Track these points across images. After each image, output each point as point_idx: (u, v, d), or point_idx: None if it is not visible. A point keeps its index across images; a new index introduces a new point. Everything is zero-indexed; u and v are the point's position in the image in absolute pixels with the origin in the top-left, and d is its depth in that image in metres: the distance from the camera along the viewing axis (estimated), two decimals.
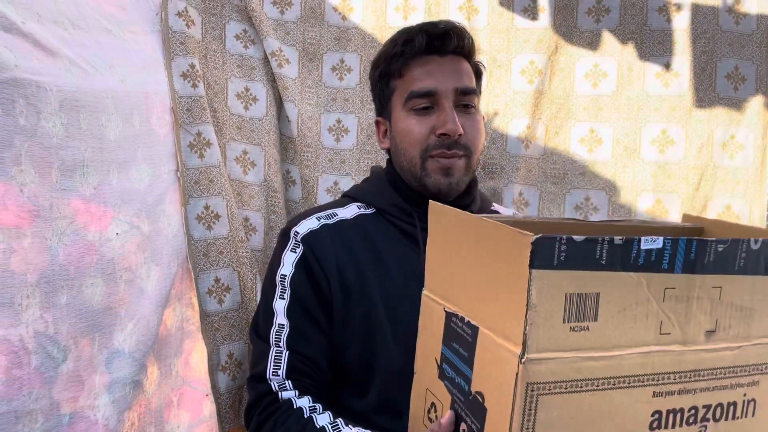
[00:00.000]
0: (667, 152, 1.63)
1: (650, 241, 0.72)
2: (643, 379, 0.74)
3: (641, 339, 0.74)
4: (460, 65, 1.17)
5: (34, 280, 0.97)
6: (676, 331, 0.75)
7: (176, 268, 1.34)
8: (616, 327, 0.72)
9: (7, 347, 0.93)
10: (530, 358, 0.68)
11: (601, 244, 0.69)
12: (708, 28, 1.60)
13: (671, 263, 0.74)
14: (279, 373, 1.10)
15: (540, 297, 0.67)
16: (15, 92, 0.94)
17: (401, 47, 1.16)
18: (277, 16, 1.64)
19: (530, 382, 0.69)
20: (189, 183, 1.40)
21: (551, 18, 1.66)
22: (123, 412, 1.16)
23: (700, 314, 0.76)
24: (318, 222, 1.19)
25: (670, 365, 0.75)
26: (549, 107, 1.68)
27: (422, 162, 1.14)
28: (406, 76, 1.17)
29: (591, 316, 0.71)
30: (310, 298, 1.13)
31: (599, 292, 0.70)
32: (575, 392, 0.71)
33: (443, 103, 1.13)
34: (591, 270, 0.69)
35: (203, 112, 1.43)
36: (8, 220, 0.94)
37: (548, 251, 0.67)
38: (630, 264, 0.71)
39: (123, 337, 1.16)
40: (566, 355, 0.70)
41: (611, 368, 0.72)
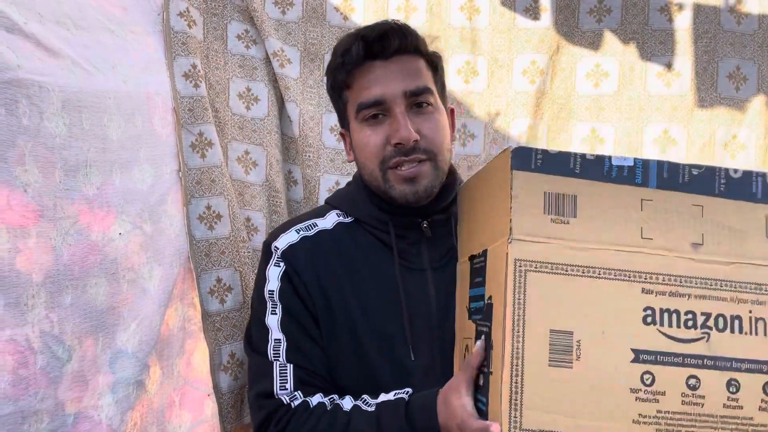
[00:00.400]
0: (669, 152, 1.63)
1: (621, 159, 0.80)
2: (629, 274, 0.79)
3: (623, 240, 0.80)
4: (407, 65, 1.10)
5: (39, 280, 0.98)
6: (658, 237, 0.80)
7: (178, 268, 1.34)
8: (596, 226, 0.79)
9: (13, 347, 0.93)
10: (516, 238, 0.78)
11: (574, 156, 0.80)
12: (709, 27, 1.60)
13: (644, 179, 0.81)
14: (287, 387, 1.09)
15: (521, 191, 0.78)
16: (18, 92, 0.94)
17: (341, 58, 1.11)
18: (278, 16, 1.64)
19: (518, 258, 0.77)
20: (191, 183, 1.40)
21: (553, 18, 1.66)
22: (126, 412, 1.16)
23: (682, 227, 0.81)
24: (297, 235, 1.16)
25: (656, 267, 0.80)
26: (551, 107, 1.68)
27: (383, 174, 1.09)
28: (353, 87, 1.12)
29: (570, 212, 0.79)
30: (301, 311, 1.12)
31: (576, 194, 0.79)
32: (562, 274, 0.78)
33: (393, 109, 1.07)
34: (567, 176, 0.79)
35: (205, 113, 1.43)
36: (13, 219, 0.94)
37: (526, 157, 0.79)
38: (603, 176, 0.80)
39: (126, 337, 1.16)
40: (550, 241, 0.78)
41: (595, 259, 0.79)
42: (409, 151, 1.06)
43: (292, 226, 1.18)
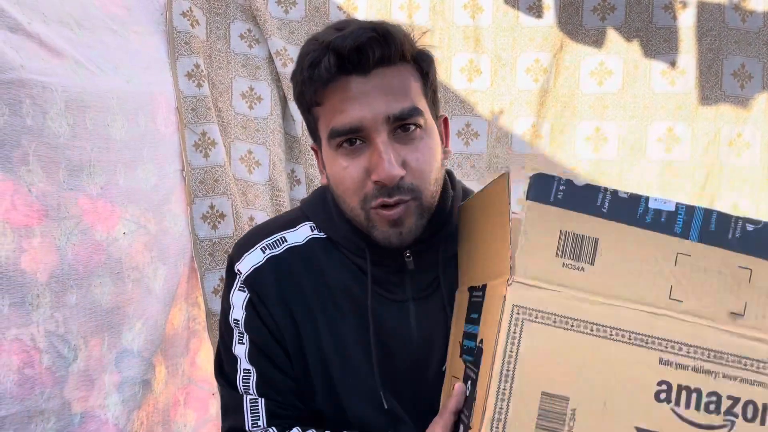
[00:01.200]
0: (674, 150, 1.62)
1: (661, 202, 0.67)
2: (647, 340, 0.67)
3: (646, 298, 0.67)
4: (390, 80, 0.89)
5: (44, 280, 0.98)
6: (690, 300, 0.68)
7: (182, 268, 1.34)
8: (616, 277, 0.67)
9: (19, 347, 0.93)
10: (517, 280, 0.66)
11: (604, 193, 0.67)
12: (714, 25, 1.59)
13: (685, 229, 0.68)
14: (259, 424, 0.99)
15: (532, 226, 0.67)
16: (21, 92, 0.94)
17: (308, 72, 0.89)
18: (281, 16, 1.64)
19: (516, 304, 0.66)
20: (194, 182, 1.40)
21: (556, 16, 1.65)
22: (132, 412, 1.16)
23: (722, 291, 0.68)
24: (263, 255, 1.00)
25: (682, 335, 0.67)
26: (554, 106, 1.67)
27: (365, 214, 0.92)
28: (325, 104, 0.91)
29: (588, 258, 0.67)
30: (269, 342, 0.99)
31: (598, 237, 0.67)
32: (566, 329, 0.67)
33: (374, 138, 0.88)
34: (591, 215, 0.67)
35: (208, 112, 1.43)
36: (17, 219, 0.94)
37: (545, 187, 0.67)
38: (635, 219, 0.67)
39: (131, 337, 1.16)
40: (558, 289, 0.67)
41: (609, 317, 0.67)
42: (392, 190, 0.89)
43: (258, 242, 1.01)
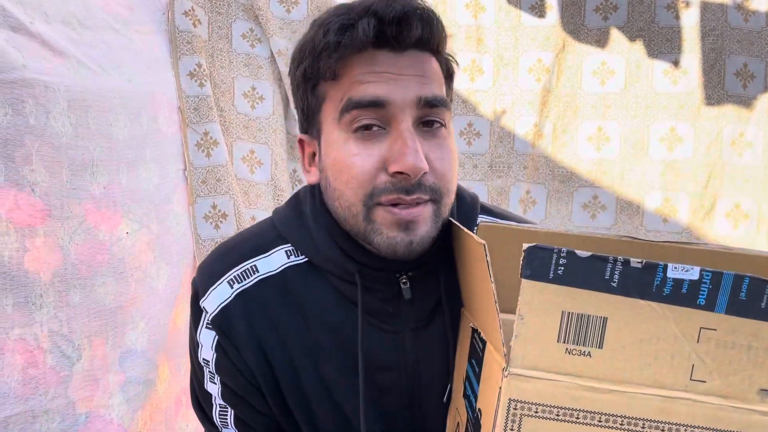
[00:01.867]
0: (676, 150, 1.62)
1: (681, 270, 0.60)
2: (664, 427, 0.61)
3: (664, 381, 0.61)
4: (424, 64, 0.79)
5: (47, 279, 0.98)
6: (714, 380, 0.61)
7: (185, 267, 1.34)
8: (628, 360, 0.61)
9: (23, 346, 0.93)
10: (513, 372, 0.60)
11: (613, 264, 0.59)
12: (717, 25, 1.59)
13: (710, 300, 0.60)
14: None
15: (529, 309, 0.59)
16: (24, 92, 0.94)
17: (336, 36, 0.76)
18: (283, 15, 1.63)
19: (513, 398, 0.60)
20: (196, 182, 1.40)
21: (559, 15, 1.65)
22: (136, 411, 1.16)
23: (752, 367, 0.61)
24: (230, 289, 0.86)
25: (704, 419, 0.61)
26: (556, 105, 1.67)
27: (367, 212, 0.77)
28: (343, 78, 0.78)
29: (595, 341, 0.61)
30: (243, 386, 0.88)
31: (607, 317, 0.60)
32: (570, 422, 0.61)
33: (399, 121, 0.76)
34: (598, 291, 0.60)
35: (210, 112, 1.43)
36: (21, 219, 0.94)
37: (542, 262, 0.59)
38: (651, 293, 0.60)
39: (135, 336, 1.16)
40: (561, 379, 0.61)
41: (619, 405, 0.61)
42: (412, 187, 0.76)
43: (225, 272, 0.87)
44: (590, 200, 1.67)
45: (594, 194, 1.66)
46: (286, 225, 0.88)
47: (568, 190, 1.68)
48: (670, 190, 1.63)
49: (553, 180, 1.68)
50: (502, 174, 1.68)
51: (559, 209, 1.67)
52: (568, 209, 1.67)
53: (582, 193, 1.67)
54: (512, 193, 1.68)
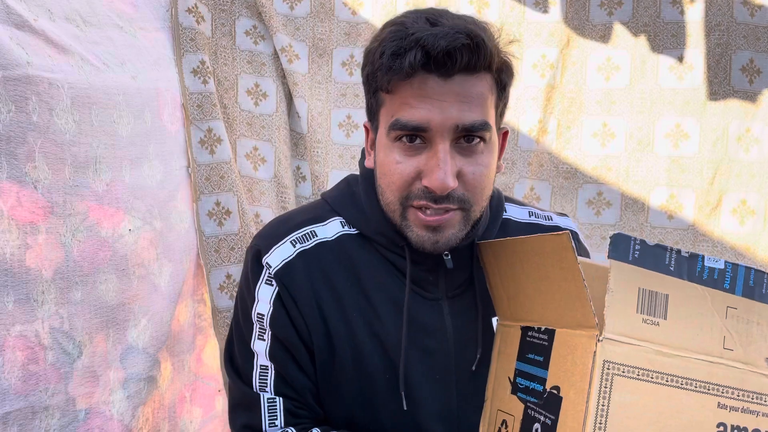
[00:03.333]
0: (681, 146, 1.61)
1: (713, 260, 0.77)
2: (709, 387, 0.76)
3: (707, 348, 0.76)
4: (470, 89, 0.87)
5: (49, 276, 0.98)
6: (738, 349, 0.77)
7: (188, 264, 1.35)
8: (683, 330, 0.75)
9: (23, 343, 0.94)
10: (607, 337, 0.72)
11: (670, 252, 0.75)
12: (722, 20, 1.58)
13: (732, 285, 0.77)
14: (277, 424, 0.96)
15: (617, 284, 0.72)
16: (27, 89, 0.94)
17: (389, 61, 0.86)
18: (286, 12, 1.63)
19: (606, 359, 0.72)
20: (200, 179, 1.40)
21: (563, 11, 1.64)
22: (137, 408, 1.16)
23: (760, 339, 0.78)
24: (293, 248, 0.97)
25: (734, 381, 0.77)
26: (561, 101, 1.66)
27: (402, 210, 0.91)
28: (395, 94, 0.88)
29: (661, 313, 0.74)
30: (294, 341, 0.96)
31: (668, 294, 0.75)
32: (648, 381, 0.73)
33: (437, 142, 0.86)
34: (661, 272, 0.74)
35: (214, 109, 1.43)
36: (23, 216, 0.94)
37: (625, 247, 0.73)
38: (695, 276, 0.76)
39: (137, 333, 1.17)
40: (640, 344, 0.73)
41: (680, 368, 0.75)
42: (440, 198, 0.87)
43: (287, 235, 0.98)
44: (595, 197, 1.66)
45: (599, 191, 1.66)
46: (339, 202, 1.01)
47: (573, 186, 1.67)
48: (676, 186, 1.62)
49: (557, 176, 1.67)
50: (506, 170, 1.68)
51: (563, 206, 1.66)
52: (572, 206, 1.66)
53: (587, 190, 1.66)
54: (516, 189, 1.67)
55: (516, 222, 1.09)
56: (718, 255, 1.60)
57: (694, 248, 1.61)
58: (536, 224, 1.10)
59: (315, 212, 1.02)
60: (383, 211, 0.96)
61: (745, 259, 1.58)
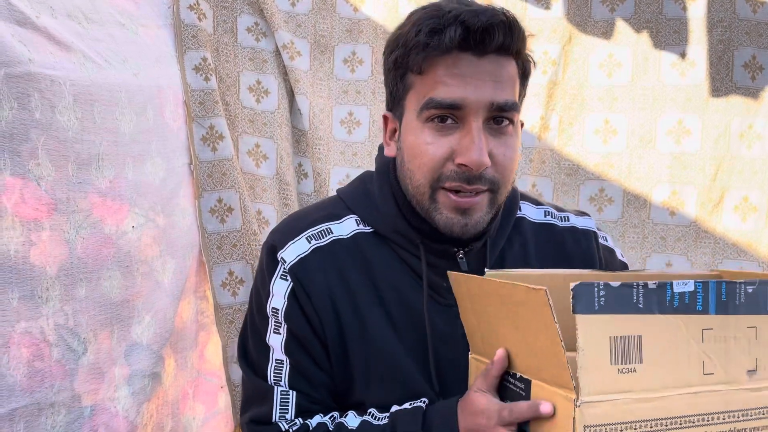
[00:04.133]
0: (683, 143, 1.61)
1: (682, 284, 0.74)
2: (694, 420, 0.75)
3: (686, 380, 0.75)
4: (501, 69, 0.89)
5: (53, 273, 0.98)
6: (719, 371, 0.76)
7: (191, 261, 1.35)
8: (661, 368, 0.74)
9: (29, 339, 0.94)
10: (584, 401, 0.70)
11: (637, 288, 0.72)
12: (725, 16, 1.58)
13: (705, 305, 0.76)
14: (287, 416, 0.96)
15: (586, 341, 0.70)
16: (30, 86, 0.94)
17: (426, 37, 0.87)
18: (288, 9, 1.63)
19: (587, 425, 0.70)
20: (202, 176, 1.40)
21: (565, 7, 1.64)
22: (142, 404, 1.17)
23: (739, 354, 0.77)
24: (308, 245, 0.97)
25: (717, 405, 0.76)
26: (563, 98, 1.66)
27: (432, 192, 0.90)
28: (427, 74, 0.89)
29: (636, 358, 0.72)
30: (308, 336, 0.96)
31: (641, 334, 0.72)
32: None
33: (470, 121, 0.87)
34: (630, 313, 0.72)
35: (215, 106, 1.43)
36: (27, 213, 0.94)
37: (589, 297, 0.70)
38: (666, 307, 0.74)
39: (141, 330, 1.17)
40: (618, 397, 0.71)
41: (662, 410, 0.73)
42: (473, 178, 0.88)
43: (302, 232, 0.99)
44: (597, 193, 1.66)
45: (601, 187, 1.66)
46: (353, 200, 1.02)
47: (575, 183, 1.67)
48: (678, 183, 1.62)
49: (559, 173, 1.67)
50: None
51: (565, 202, 1.66)
52: (574, 202, 1.66)
53: (588, 186, 1.66)
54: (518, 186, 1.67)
55: (530, 221, 1.08)
56: (720, 252, 1.60)
57: (695, 245, 1.61)
58: (550, 224, 1.09)
59: (330, 209, 1.02)
60: (399, 208, 0.97)
61: (747, 256, 1.58)
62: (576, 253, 1.08)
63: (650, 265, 1.63)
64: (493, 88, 0.88)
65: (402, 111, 0.95)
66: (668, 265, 1.62)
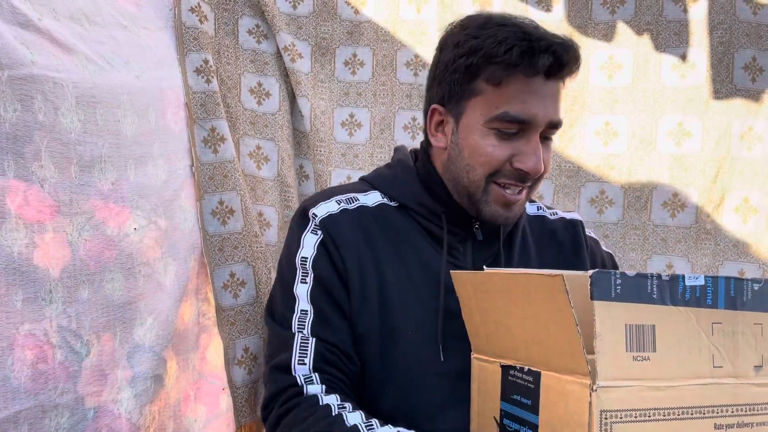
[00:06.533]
0: (684, 144, 1.61)
1: (693, 278, 0.77)
2: (704, 410, 0.76)
3: (698, 371, 0.77)
4: (559, 91, 1.05)
5: (56, 275, 0.98)
6: (727, 364, 0.78)
7: (192, 263, 1.35)
8: (673, 358, 0.75)
9: (32, 342, 0.94)
10: (601, 386, 0.71)
11: (651, 279, 0.75)
12: (725, 18, 1.58)
13: (714, 299, 0.78)
14: (306, 362, 1.03)
15: (603, 327, 0.71)
16: (32, 88, 0.95)
17: (518, 58, 0.97)
18: (289, 11, 1.63)
19: (603, 409, 0.71)
20: (203, 178, 1.41)
21: (565, 10, 1.64)
22: (145, 406, 1.17)
23: (747, 349, 0.79)
24: (338, 205, 1.10)
25: (727, 398, 0.77)
26: (563, 100, 1.65)
27: (486, 185, 1.03)
28: (504, 88, 1.00)
29: (650, 346, 0.74)
30: (334, 282, 1.06)
31: (654, 324, 0.74)
32: (644, 421, 0.73)
33: (532, 134, 1.01)
34: (645, 302, 0.74)
35: (217, 108, 1.43)
36: (30, 215, 0.94)
37: (606, 284, 0.72)
38: (678, 299, 0.76)
39: (143, 332, 1.17)
40: (632, 384, 0.73)
41: (674, 398, 0.75)
42: (524, 178, 1.03)
43: (332, 196, 1.12)
44: (597, 195, 1.66)
45: (601, 189, 1.66)
46: (378, 180, 1.15)
47: (575, 185, 1.67)
48: (678, 184, 1.62)
49: (560, 175, 1.67)
50: None
51: (565, 204, 1.67)
52: (575, 204, 1.67)
53: (589, 188, 1.67)
54: None
55: (526, 213, 1.22)
56: (721, 253, 1.60)
57: (696, 247, 1.61)
58: (542, 216, 1.26)
59: (356, 186, 1.16)
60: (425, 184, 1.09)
61: (748, 257, 1.59)
62: (566, 239, 1.22)
63: (651, 267, 1.63)
64: (554, 109, 1.03)
65: (461, 111, 1.05)
66: (669, 266, 1.62)
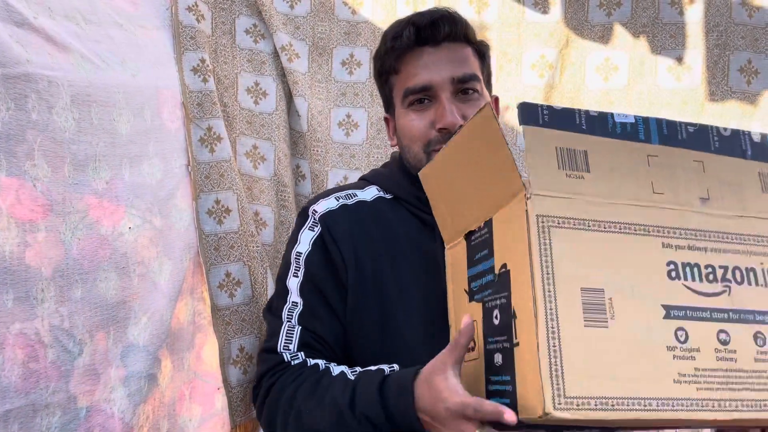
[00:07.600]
0: None
1: (623, 116, 0.79)
2: (649, 229, 0.77)
3: (637, 195, 0.77)
4: (456, 52, 1.12)
5: (48, 274, 0.98)
6: (668, 192, 0.79)
7: (188, 263, 1.35)
8: (610, 181, 0.77)
9: (23, 341, 0.94)
10: (536, 193, 0.74)
11: (579, 113, 0.78)
12: (721, 21, 1.58)
13: (647, 135, 0.79)
14: (290, 347, 1.08)
15: (531, 145, 0.75)
16: (27, 87, 0.94)
17: (391, 42, 1.13)
18: (286, 11, 1.63)
19: (539, 214, 0.73)
20: (200, 177, 1.40)
21: (562, 11, 1.65)
22: (138, 406, 1.16)
23: (688, 182, 0.80)
24: (337, 202, 1.16)
25: (672, 221, 0.78)
26: (560, 101, 1.67)
27: (426, 157, 1.10)
28: (401, 72, 1.13)
29: (583, 167, 0.76)
30: (326, 278, 1.11)
31: (587, 150, 0.77)
32: (585, 230, 0.74)
33: (440, 95, 1.09)
34: (575, 132, 0.77)
35: (214, 107, 1.43)
36: (22, 214, 0.94)
37: (533, 112, 0.76)
38: (609, 132, 0.78)
39: (137, 331, 1.17)
40: (569, 196, 0.75)
41: (614, 214, 0.76)
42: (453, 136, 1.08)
43: (332, 193, 1.19)
44: None
45: None
46: (375, 176, 1.23)
47: None
48: None
49: None
50: None
51: None
52: None
53: None
54: None
55: None
56: None
57: None
58: None
59: (356, 184, 1.24)
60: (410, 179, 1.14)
61: None
62: None
63: None
64: (452, 68, 1.09)
65: (394, 108, 1.18)
66: None
